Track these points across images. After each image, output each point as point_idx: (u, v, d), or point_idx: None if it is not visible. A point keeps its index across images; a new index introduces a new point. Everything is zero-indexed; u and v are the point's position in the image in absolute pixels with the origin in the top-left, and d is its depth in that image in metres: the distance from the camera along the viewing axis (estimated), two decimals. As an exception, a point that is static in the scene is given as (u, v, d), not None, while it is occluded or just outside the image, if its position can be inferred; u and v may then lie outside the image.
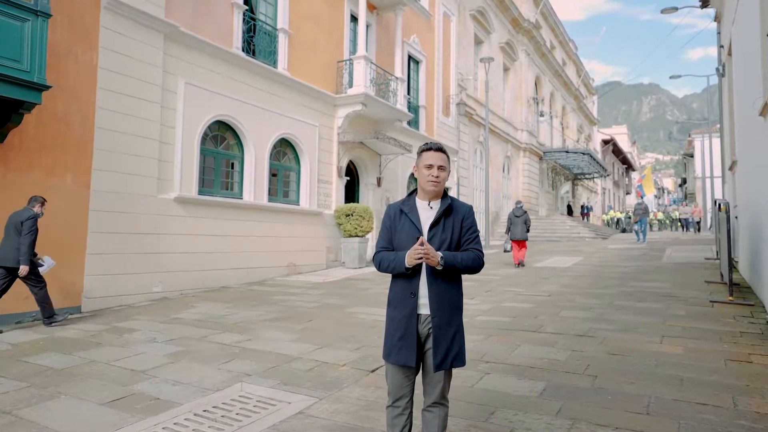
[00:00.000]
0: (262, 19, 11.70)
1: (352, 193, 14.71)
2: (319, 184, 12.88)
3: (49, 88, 6.71)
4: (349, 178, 14.26)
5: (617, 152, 52.74)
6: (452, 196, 2.67)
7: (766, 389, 3.89)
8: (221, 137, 10.59)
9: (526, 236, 12.80)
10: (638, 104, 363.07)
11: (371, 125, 14.46)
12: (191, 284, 9.34)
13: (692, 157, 45.58)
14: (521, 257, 12.79)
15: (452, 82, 19.90)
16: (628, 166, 61.80)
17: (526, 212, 13.02)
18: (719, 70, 12.74)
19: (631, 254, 15.09)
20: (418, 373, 2.56)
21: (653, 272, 10.82)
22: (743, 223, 9.18)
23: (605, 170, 36.37)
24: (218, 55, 10.14)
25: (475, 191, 21.86)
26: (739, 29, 8.77)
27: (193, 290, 9.32)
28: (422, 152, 2.56)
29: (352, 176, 14.70)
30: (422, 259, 2.37)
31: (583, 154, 30.70)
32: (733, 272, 7.58)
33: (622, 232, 32.83)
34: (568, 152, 30.55)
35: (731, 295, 7.24)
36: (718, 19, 13.01)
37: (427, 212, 2.56)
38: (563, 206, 34.03)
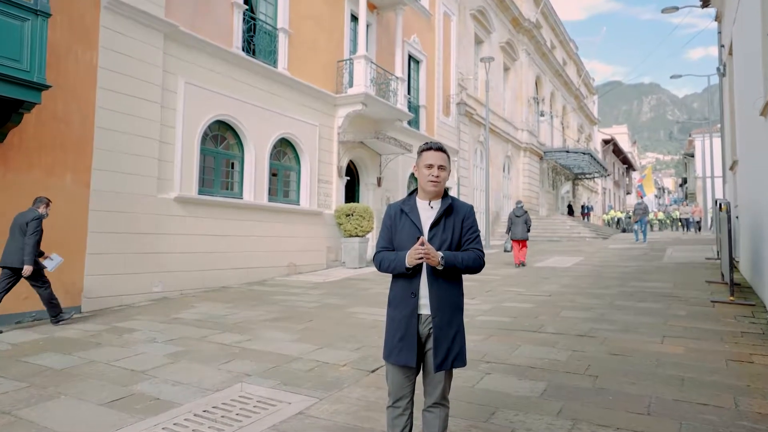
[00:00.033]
0: (262, 18, 11.69)
1: (352, 192, 14.70)
2: (319, 183, 12.87)
3: (48, 87, 6.70)
4: (349, 177, 14.26)
5: (618, 152, 52.72)
6: (453, 195, 2.65)
7: (767, 389, 3.88)
8: (221, 137, 10.58)
9: (526, 236, 12.81)
10: (639, 104, 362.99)
11: (371, 125, 14.45)
12: (191, 284, 9.33)
13: (693, 156, 45.56)
14: (522, 257, 12.79)
15: (452, 81, 19.89)
16: (628, 165, 61.77)
17: (526, 212, 13.03)
18: (720, 69, 12.73)
19: (631, 254, 15.08)
20: (418, 373, 2.55)
21: (654, 272, 10.81)
22: (744, 222, 9.17)
23: (606, 170, 36.36)
24: (218, 54, 10.13)
25: (475, 191, 21.85)
26: (740, 29, 8.76)
27: (193, 290, 9.31)
28: (422, 152, 2.55)
29: (352, 176, 14.69)
30: (423, 259, 2.36)
31: (583, 153, 30.69)
32: (734, 272, 7.58)
33: (622, 231, 32.82)
34: (568, 152, 30.54)
35: (732, 295, 7.23)
36: (718, 18, 13.00)
37: (427, 212, 2.55)
38: (564, 206, 34.01)
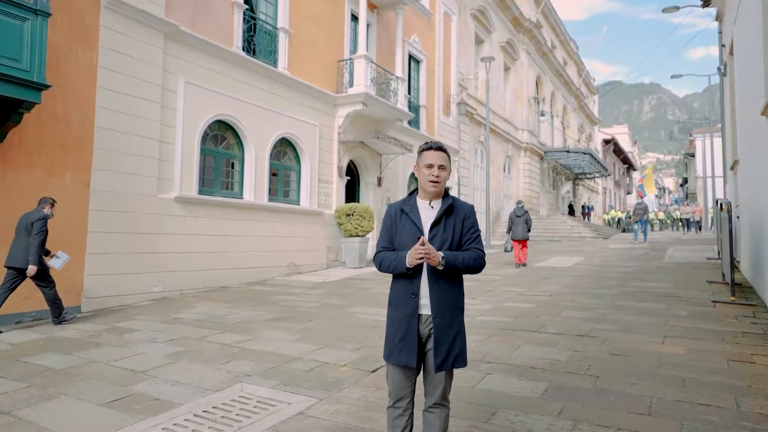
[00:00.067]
0: (262, 18, 11.68)
1: (352, 192, 14.69)
2: (319, 183, 12.86)
3: (48, 87, 6.69)
4: (349, 177, 14.25)
5: (618, 152, 52.68)
6: (453, 195, 2.64)
7: (769, 390, 3.86)
8: (221, 137, 10.57)
9: (527, 236, 12.80)
10: (639, 104, 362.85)
11: (372, 125, 14.44)
12: (191, 284, 9.32)
13: (693, 156, 45.52)
14: (523, 257, 12.78)
15: (453, 81, 19.87)
16: (629, 165, 61.73)
17: (527, 212, 13.03)
18: (721, 69, 12.71)
19: (632, 254, 15.06)
20: (419, 373, 2.54)
21: (655, 272, 10.79)
22: (745, 222, 9.16)
23: (606, 170, 36.33)
24: (218, 54, 10.12)
25: (475, 191, 21.84)
26: (740, 28, 8.74)
27: (193, 290, 9.30)
28: (422, 151, 2.54)
29: (352, 176, 14.68)
30: (423, 259, 2.35)
31: (584, 153, 30.66)
32: (734, 272, 7.56)
33: (623, 231, 32.81)
34: (569, 152, 30.51)
35: (733, 295, 7.21)
36: (719, 18, 12.98)
37: (428, 212, 2.54)
38: (564, 206, 34.00)
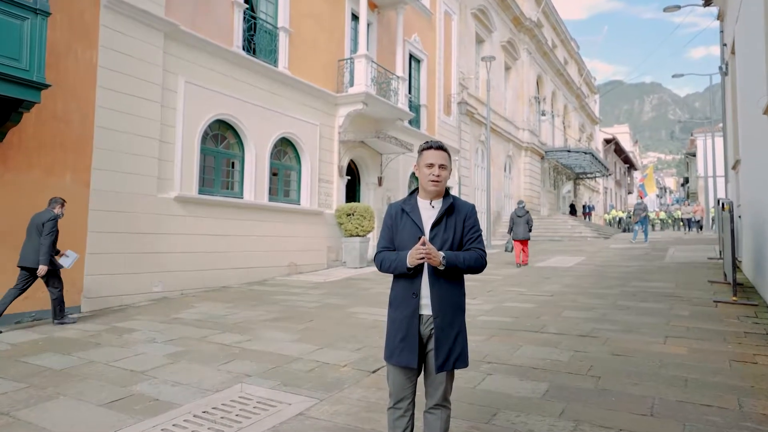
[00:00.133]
0: (262, 17, 11.66)
1: (353, 192, 14.67)
2: (320, 183, 12.85)
3: (48, 86, 6.67)
4: (350, 177, 14.23)
5: (619, 151, 52.62)
6: (454, 195, 2.62)
7: (771, 391, 3.84)
8: (222, 136, 10.55)
9: (528, 236, 12.80)
10: (640, 103, 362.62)
11: (372, 124, 14.43)
12: (191, 284, 9.31)
13: (694, 156, 45.49)
14: (524, 257, 12.77)
15: (453, 80, 19.85)
16: (630, 165, 61.65)
17: (528, 212, 13.02)
18: (722, 68, 12.68)
19: (633, 254, 15.04)
20: (419, 374, 2.53)
21: (656, 272, 10.77)
22: (747, 222, 9.13)
23: (607, 169, 36.28)
24: (219, 53, 10.10)
25: (476, 191, 21.82)
26: (742, 28, 8.71)
27: (193, 290, 9.29)
28: (423, 151, 2.52)
29: (353, 175, 14.66)
30: (424, 259, 2.33)
31: (584, 153, 30.61)
32: (736, 272, 7.54)
33: (624, 231, 32.77)
34: (569, 151, 30.46)
35: (735, 295, 7.19)
36: (721, 17, 12.95)
37: (428, 211, 2.52)
38: (565, 206, 33.97)
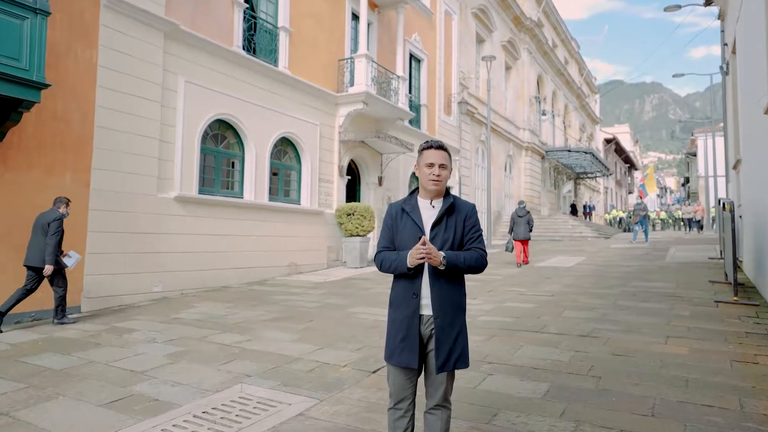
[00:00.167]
0: (262, 17, 11.65)
1: (353, 192, 14.66)
2: (320, 183, 12.84)
3: (48, 86, 6.66)
4: (350, 177, 14.22)
5: (619, 151, 52.59)
6: (454, 194, 2.61)
7: (773, 391, 3.83)
8: (222, 136, 10.54)
9: (529, 236, 12.81)
10: (641, 103, 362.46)
11: (372, 124, 14.42)
12: (191, 284, 9.30)
13: (695, 156, 45.43)
14: (525, 257, 12.76)
15: (454, 80, 19.83)
16: (630, 165, 61.61)
17: (529, 212, 13.02)
18: (723, 68, 12.67)
19: (634, 254, 15.02)
20: (420, 374, 2.52)
21: (656, 272, 10.76)
22: (748, 222, 9.12)
23: (607, 169, 36.24)
24: (219, 53, 10.09)
25: (477, 190, 21.81)
26: (743, 27, 8.69)
27: (193, 290, 9.28)
28: (423, 150, 2.51)
29: (353, 175, 14.66)
30: (424, 259, 2.32)
31: (585, 153, 30.59)
32: (737, 272, 7.52)
33: (624, 231, 32.75)
34: (570, 151, 30.43)
35: (736, 295, 7.17)
36: (722, 17, 12.93)
37: (429, 211, 2.51)
38: (566, 205, 33.94)
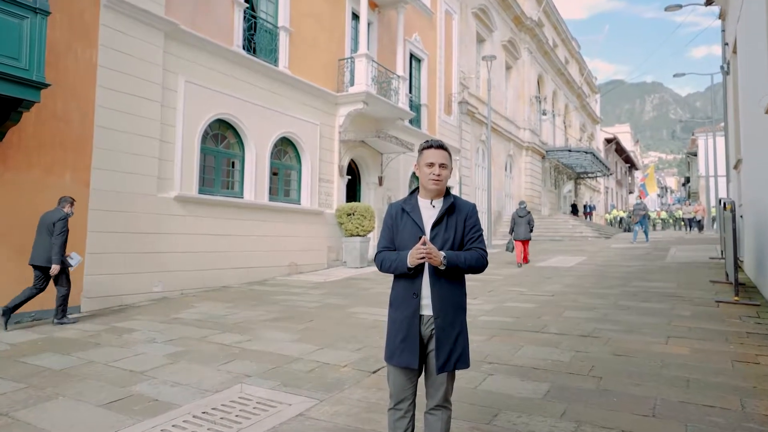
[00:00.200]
0: (262, 16, 11.64)
1: (353, 192, 14.65)
2: (320, 183, 12.83)
3: (48, 86, 6.65)
4: (350, 177, 14.21)
5: (620, 151, 52.55)
6: (455, 194, 2.60)
7: (774, 391, 3.82)
8: (222, 136, 10.54)
9: (529, 236, 12.81)
10: (641, 103, 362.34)
11: (373, 124, 14.41)
12: (191, 284, 9.29)
13: (696, 155, 45.38)
14: (525, 257, 12.75)
15: (454, 80, 19.82)
16: (631, 165, 61.57)
17: (529, 212, 13.01)
18: (724, 67, 12.65)
19: (634, 254, 15.00)
20: (420, 375, 2.51)
21: (657, 272, 10.74)
22: (748, 222, 9.10)
23: (608, 169, 36.21)
24: (219, 53, 10.08)
25: (477, 190, 21.79)
26: (744, 27, 8.68)
27: (193, 290, 9.28)
28: (423, 150, 2.50)
29: (353, 175, 14.65)
30: (425, 258, 2.32)
31: (585, 152, 30.56)
32: (738, 272, 7.51)
33: (625, 231, 32.74)
34: (570, 151, 30.40)
35: (737, 295, 7.16)
36: (722, 16, 12.91)
37: (429, 211, 2.50)
38: (566, 205, 33.92)
